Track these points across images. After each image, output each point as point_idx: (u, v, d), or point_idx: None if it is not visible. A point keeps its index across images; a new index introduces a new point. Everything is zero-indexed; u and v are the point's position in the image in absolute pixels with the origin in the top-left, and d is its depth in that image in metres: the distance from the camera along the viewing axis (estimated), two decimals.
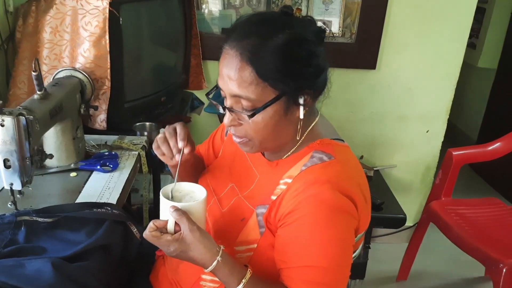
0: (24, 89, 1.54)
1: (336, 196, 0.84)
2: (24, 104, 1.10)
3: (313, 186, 0.84)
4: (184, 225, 0.84)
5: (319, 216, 0.84)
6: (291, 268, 0.86)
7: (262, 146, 0.90)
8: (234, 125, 0.88)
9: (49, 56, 1.48)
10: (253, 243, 0.91)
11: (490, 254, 1.73)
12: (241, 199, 0.98)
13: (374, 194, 1.99)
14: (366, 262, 2.10)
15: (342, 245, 0.86)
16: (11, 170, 1.04)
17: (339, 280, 0.87)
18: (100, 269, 0.99)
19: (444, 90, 2.22)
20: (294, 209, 0.85)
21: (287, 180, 0.90)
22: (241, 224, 0.93)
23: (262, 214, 0.91)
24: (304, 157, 0.90)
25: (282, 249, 0.88)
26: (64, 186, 1.26)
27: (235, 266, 0.86)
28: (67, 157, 1.33)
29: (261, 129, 0.86)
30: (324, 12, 2.09)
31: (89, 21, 1.43)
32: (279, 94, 0.83)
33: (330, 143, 0.92)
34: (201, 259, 0.85)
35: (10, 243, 0.97)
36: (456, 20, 2.09)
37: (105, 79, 1.46)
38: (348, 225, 0.87)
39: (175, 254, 0.85)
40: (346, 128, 2.28)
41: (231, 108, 0.86)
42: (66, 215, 1.04)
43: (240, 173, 1.03)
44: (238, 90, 0.83)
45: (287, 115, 0.87)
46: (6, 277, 0.83)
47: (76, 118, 1.35)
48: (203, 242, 0.84)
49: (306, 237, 0.84)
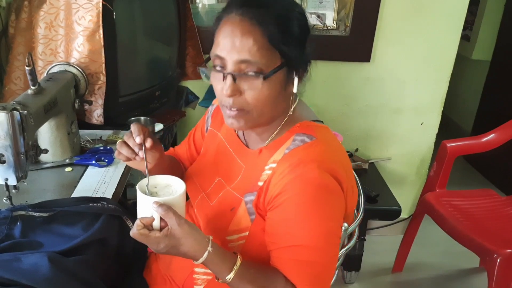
0: (20, 84, 1.54)
1: (321, 175, 0.85)
2: (18, 99, 1.10)
3: (298, 167, 0.86)
4: (171, 220, 0.82)
5: (305, 196, 0.85)
6: (280, 248, 0.88)
7: (257, 119, 0.90)
8: (235, 95, 0.85)
9: (44, 52, 1.47)
10: (245, 230, 0.92)
11: (485, 244, 1.74)
12: (229, 190, 0.98)
13: (369, 187, 2.03)
14: (361, 254, 2.12)
15: (329, 223, 0.87)
16: (5, 165, 1.04)
17: (327, 258, 0.88)
18: (96, 263, 0.99)
19: (438, 82, 2.23)
20: (281, 191, 0.86)
21: (272, 165, 0.91)
22: (231, 214, 0.94)
23: (251, 201, 0.92)
24: (286, 141, 0.91)
25: (271, 231, 0.89)
26: (59, 181, 1.26)
27: (225, 255, 0.87)
28: (62, 152, 1.33)
29: (263, 98, 0.85)
30: (318, 5, 2.09)
31: (82, 16, 1.42)
32: (283, 62, 0.85)
33: (310, 124, 0.94)
34: (192, 252, 0.84)
35: (6, 238, 0.97)
36: (450, 12, 2.09)
37: (100, 74, 1.45)
38: (334, 203, 0.88)
39: (165, 250, 0.83)
40: (341, 121, 2.29)
41: (239, 73, 0.84)
42: (62, 210, 1.04)
43: (225, 166, 1.03)
44: (247, 55, 0.82)
45: (285, 88, 0.89)
46: (2, 271, 0.83)
47: (70, 113, 1.34)
48: (192, 235, 0.84)
49: (294, 217, 0.86)
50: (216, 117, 1.12)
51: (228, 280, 0.85)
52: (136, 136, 0.90)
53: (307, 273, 0.87)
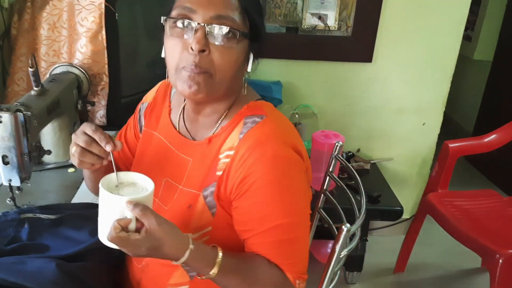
0: (23, 85, 1.55)
1: (281, 150, 0.85)
2: (21, 100, 1.10)
3: (257, 148, 0.84)
4: (150, 220, 0.75)
5: (272, 175, 0.84)
6: (258, 234, 0.86)
7: (217, 87, 0.86)
8: (204, 52, 0.81)
9: (48, 53, 1.48)
10: (207, 226, 0.89)
11: (487, 245, 1.74)
12: (183, 189, 0.94)
13: (370, 187, 2.03)
14: (363, 255, 2.12)
15: (299, 195, 0.88)
16: (9, 167, 1.05)
17: (303, 231, 0.89)
18: (100, 271, 0.99)
19: (440, 82, 2.23)
20: (245, 176, 0.84)
21: (228, 152, 0.88)
22: (189, 211, 0.90)
23: (212, 193, 0.89)
24: (237, 126, 0.89)
25: (243, 219, 0.87)
26: (62, 182, 1.27)
27: (206, 250, 0.83)
28: (65, 153, 1.34)
29: (230, 62, 0.83)
30: (320, 5, 2.09)
31: (85, 17, 1.43)
32: (249, 32, 0.85)
33: (256, 104, 0.93)
34: (174, 251, 0.78)
35: (13, 240, 0.97)
36: (452, 12, 2.09)
37: (103, 75, 1.46)
38: (300, 175, 0.88)
39: (146, 253, 0.77)
40: (342, 121, 2.28)
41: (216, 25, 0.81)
42: (70, 213, 1.04)
43: (169, 165, 0.98)
44: (225, 11, 0.81)
45: (244, 62, 0.88)
46: (5, 274, 0.83)
47: (73, 114, 1.35)
48: (173, 233, 0.78)
49: (264, 199, 0.84)
50: (150, 116, 1.06)
51: (212, 275, 0.81)
52: (105, 144, 0.83)
53: (287, 250, 0.87)
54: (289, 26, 2.11)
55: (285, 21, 2.10)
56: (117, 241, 0.75)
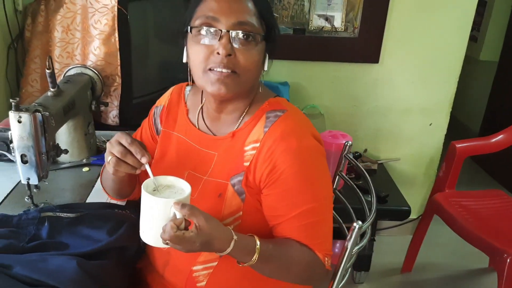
0: (36, 87, 1.57)
1: (304, 140, 0.94)
2: (39, 101, 1.13)
3: (283, 140, 0.92)
4: (199, 218, 0.82)
5: (298, 164, 0.92)
6: (288, 219, 0.94)
7: (243, 85, 0.94)
8: (230, 54, 0.88)
9: (61, 55, 1.51)
10: (238, 211, 0.97)
11: (494, 244, 1.75)
12: (208, 179, 1.00)
13: (378, 187, 2.04)
14: (371, 254, 2.13)
15: (323, 181, 0.97)
16: (28, 165, 1.07)
17: (328, 213, 0.98)
18: (116, 269, 1.01)
19: (447, 83, 2.24)
20: (274, 167, 0.92)
21: (254, 144, 0.95)
22: (220, 200, 0.97)
23: (239, 182, 0.96)
24: (260, 120, 0.97)
25: (273, 206, 0.95)
26: (77, 180, 1.29)
27: (246, 239, 0.90)
28: (79, 153, 1.37)
29: (254, 62, 0.91)
30: (327, 7, 2.11)
31: (98, 19, 1.46)
32: (265, 35, 0.92)
33: (276, 100, 1.01)
34: (222, 244, 0.86)
35: (34, 238, 0.99)
36: (458, 13, 2.11)
37: (115, 76, 1.49)
38: (322, 161, 0.98)
39: (199, 248, 0.84)
40: (350, 122, 2.30)
41: (239, 31, 0.88)
42: (88, 212, 1.06)
43: (192, 160, 1.03)
44: (246, 17, 0.89)
45: (262, 62, 0.96)
46: (29, 271, 0.85)
47: (87, 115, 1.38)
48: (219, 227, 0.86)
49: (293, 187, 0.93)
50: (167, 118, 1.11)
51: (253, 262, 0.88)
52: (141, 157, 0.89)
53: (316, 231, 0.95)
54: (296, 27, 2.13)
55: (292, 23, 2.13)
56: (175, 239, 0.80)
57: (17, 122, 1.03)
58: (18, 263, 0.85)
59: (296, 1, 2.09)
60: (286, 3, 2.09)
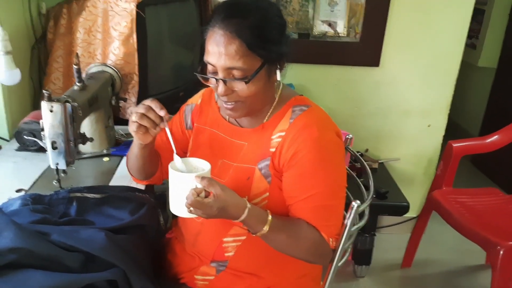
0: (59, 84, 1.68)
1: (324, 132, 1.04)
2: (67, 93, 1.24)
3: (305, 130, 1.03)
4: (215, 187, 0.94)
5: (316, 151, 1.03)
6: (300, 201, 1.05)
7: (250, 108, 1.05)
8: (228, 94, 1.00)
9: (83, 54, 1.62)
10: (265, 192, 1.07)
11: (489, 237, 1.82)
12: (237, 165, 1.11)
13: (379, 185, 2.12)
14: (372, 249, 2.21)
15: (337, 170, 1.07)
16: (57, 151, 1.18)
17: (339, 199, 1.07)
18: (140, 244, 1.11)
19: (444, 86, 2.32)
20: (295, 152, 1.03)
21: (280, 133, 1.06)
22: (248, 182, 1.08)
23: (266, 166, 1.07)
24: (286, 114, 1.08)
25: (289, 187, 1.06)
26: (98, 169, 1.40)
27: (259, 211, 1.02)
28: (100, 144, 1.47)
29: (252, 92, 1.00)
30: (330, 13, 2.22)
31: (118, 22, 1.57)
32: (263, 62, 0.99)
33: (301, 98, 1.12)
34: (236, 211, 0.97)
35: (64, 215, 1.10)
36: (455, 20, 2.19)
37: (133, 74, 1.59)
38: (339, 153, 1.08)
39: (216, 213, 0.95)
40: (351, 123, 2.38)
41: (226, 79, 0.98)
42: (112, 194, 1.17)
43: (224, 150, 1.15)
44: (231, 63, 0.96)
45: (269, 78, 1.04)
46: (65, 239, 0.96)
47: (108, 109, 1.48)
48: (234, 196, 0.98)
49: (309, 170, 1.03)
50: (200, 115, 1.22)
51: (265, 232, 1.00)
52: (159, 110, 0.99)
53: (323, 214, 1.05)
54: (301, 32, 2.24)
55: (297, 28, 2.23)
56: (195, 204, 0.93)
57: (49, 112, 1.14)
58: (55, 232, 0.96)
59: (301, 7, 2.20)
60: (291, 9, 2.20)
